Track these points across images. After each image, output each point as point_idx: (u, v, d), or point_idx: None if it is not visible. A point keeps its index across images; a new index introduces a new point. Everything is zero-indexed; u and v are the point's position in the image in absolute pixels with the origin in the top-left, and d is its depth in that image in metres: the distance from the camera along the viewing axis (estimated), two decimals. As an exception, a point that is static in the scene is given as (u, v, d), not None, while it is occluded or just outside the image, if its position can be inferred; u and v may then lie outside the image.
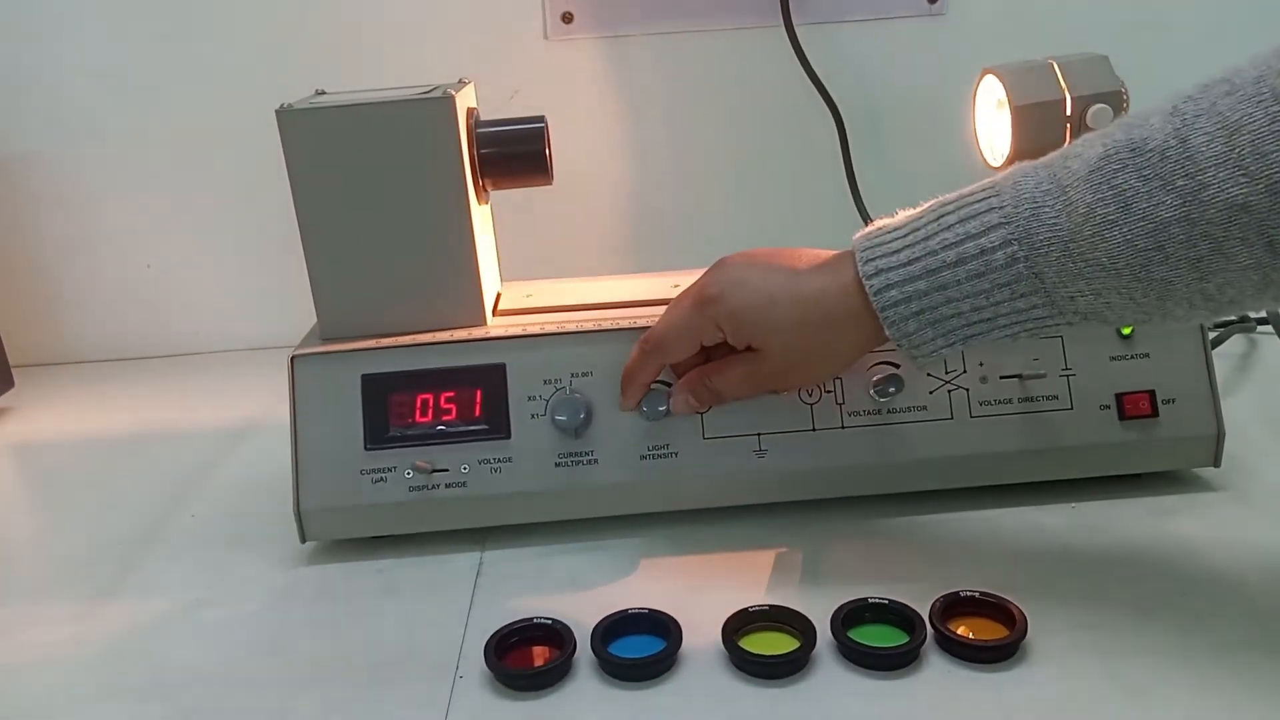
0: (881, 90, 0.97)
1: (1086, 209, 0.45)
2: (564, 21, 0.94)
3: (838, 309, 0.52)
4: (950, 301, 0.49)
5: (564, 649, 0.50)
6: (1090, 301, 0.47)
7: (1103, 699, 0.46)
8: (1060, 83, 0.63)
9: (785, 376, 0.57)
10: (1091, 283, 0.46)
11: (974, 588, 0.52)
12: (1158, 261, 0.44)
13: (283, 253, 0.69)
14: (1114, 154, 0.45)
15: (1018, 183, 0.48)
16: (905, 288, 0.50)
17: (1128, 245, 0.44)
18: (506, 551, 0.62)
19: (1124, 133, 0.45)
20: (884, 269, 0.50)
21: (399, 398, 0.62)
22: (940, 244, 0.49)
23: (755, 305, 0.54)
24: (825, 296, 0.53)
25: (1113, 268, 0.45)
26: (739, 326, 0.55)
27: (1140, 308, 0.47)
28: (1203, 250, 0.43)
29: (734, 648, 0.49)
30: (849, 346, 0.55)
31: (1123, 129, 0.46)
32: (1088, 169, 0.45)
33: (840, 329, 0.53)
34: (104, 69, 0.94)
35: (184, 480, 0.75)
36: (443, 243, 0.63)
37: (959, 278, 0.49)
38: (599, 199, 1.00)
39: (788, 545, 0.60)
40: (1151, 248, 0.44)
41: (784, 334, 0.54)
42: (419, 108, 0.60)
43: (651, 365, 0.59)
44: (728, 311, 0.55)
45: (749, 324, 0.55)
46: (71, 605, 0.60)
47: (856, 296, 0.52)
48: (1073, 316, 0.48)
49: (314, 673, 0.52)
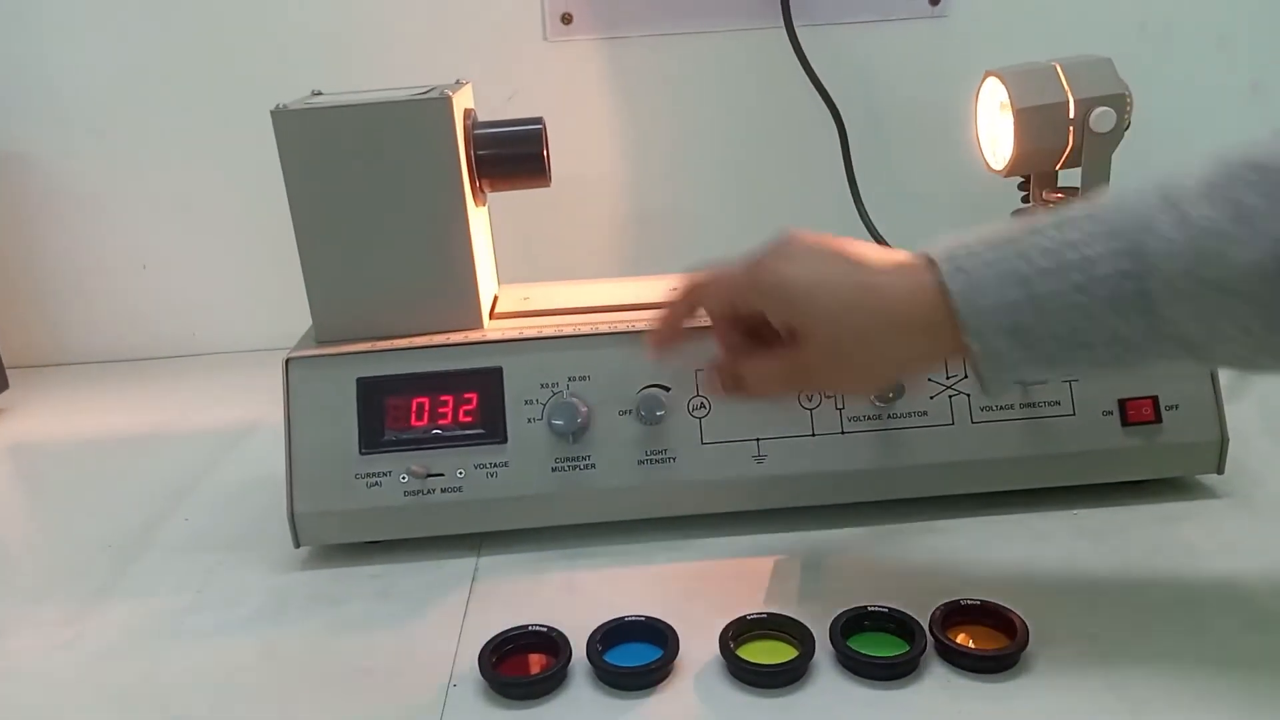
0: (882, 92, 0.96)
1: (1206, 223, 0.41)
2: (563, 23, 0.93)
3: (904, 309, 0.46)
4: (1044, 316, 0.43)
5: (559, 657, 0.49)
6: (1197, 329, 0.42)
7: (1105, 710, 0.45)
8: (1064, 85, 0.62)
9: (824, 373, 0.50)
10: (1204, 306, 0.42)
11: (974, 596, 0.51)
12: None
13: (279, 254, 0.68)
14: (1234, 171, 0.41)
15: (1121, 197, 0.44)
16: (995, 296, 0.44)
17: (1254, 266, 0.40)
18: (502, 557, 0.61)
19: (1239, 152, 0.42)
20: (971, 271, 0.44)
21: (394, 401, 0.61)
22: (1037, 252, 0.44)
23: (806, 279, 0.48)
24: (892, 291, 0.46)
25: (1233, 290, 0.41)
26: (783, 300, 0.48)
27: (1250, 338, 0.42)
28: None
29: (732, 656, 0.49)
30: (906, 355, 0.48)
31: (1238, 149, 0.42)
32: (1205, 185, 0.42)
33: (902, 332, 0.46)
34: (100, 69, 0.94)
35: (178, 483, 0.74)
36: (439, 245, 0.62)
37: (1058, 289, 0.43)
38: (597, 201, 0.99)
39: (786, 552, 0.59)
40: (1277, 272, 0.40)
41: (832, 320, 0.47)
42: (415, 108, 0.60)
43: (682, 305, 0.53)
44: (774, 277, 0.48)
45: (794, 298, 0.48)
46: (64, 608, 0.59)
47: (931, 301, 0.45)
48: (1172, 346, 0.43)
49: (306, 679, 0.51)
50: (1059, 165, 0.65)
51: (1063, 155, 0.63)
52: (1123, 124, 0.62)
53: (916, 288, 0.46)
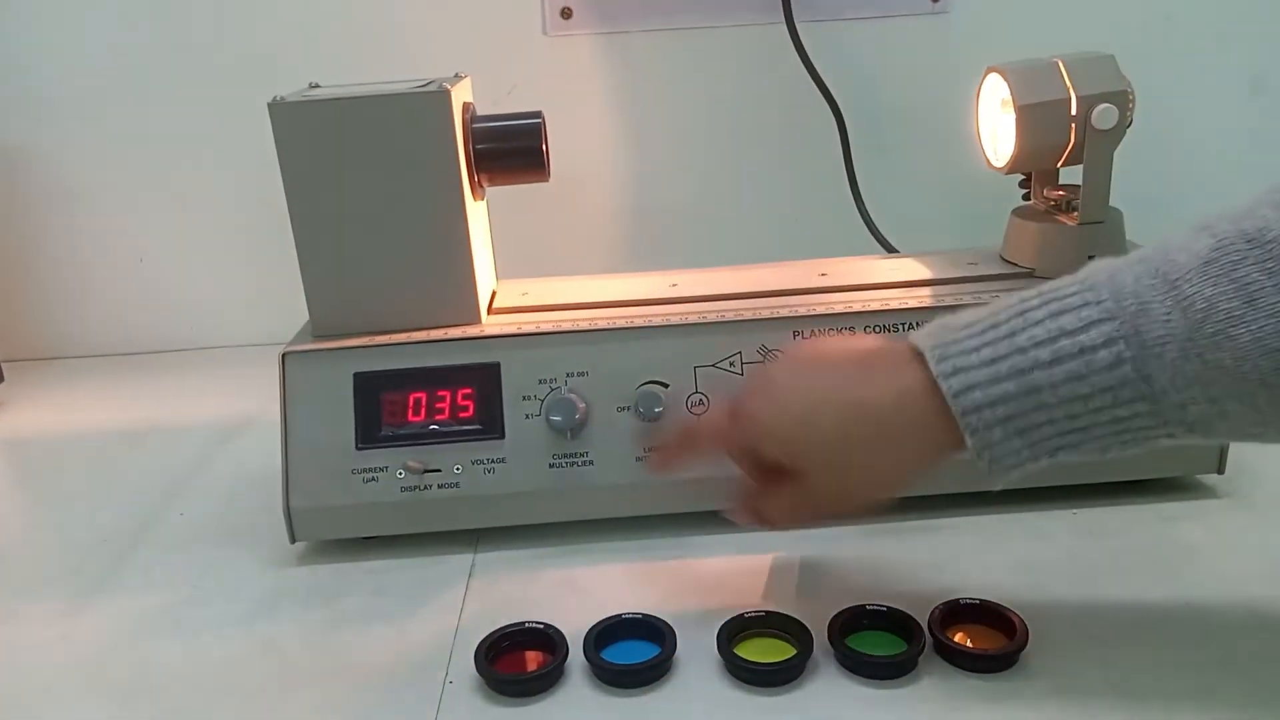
0: (883, 89, 0.96)
1: (1206, 304, 0.40)
2: (563, 17, 0.93)
3: (897, 418, 0.45)
4: (1043, 407, 0.43)
5: (556, 654, 0.49)
6: (1203, 410, 0.41)
7: (1104, 710, 0.45)
8: (1066, 82, 0.62)
9: (832, 500, 0.49)
10: (1209, 389, 0.41)
11: (974, 595, 0.51)
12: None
13: (276, 248, 0.68)
14: (1229, 245, 0.40)
15: (1113, 277, 0.43)
16: (990, 390, 0.43)
17: (1257, 345, 0.39)
18: (499, 554, 0.61)
19: (1231, 224, 0.41)
20: (963, 368, 0.44)
21: (391, 396, 0.61)
22: (1030, 341, 0.43)
23: (791, 418, 0.48)
24: (881, 402, 0.46)
25: (1238, 371, 0.40)
26: (772, 442, 0.49)
27: (1260, 416, 0.41)
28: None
29: (729, 654, 0.48)
30: (905, 461, 0.47)
31: (1228, 221, 0.41)
32: (1199, 261, 0.40)
33: (899, 442, 0.46)
34: (96, 61, 0.93)
35: (174, 478, 0.74)
36: (437, 239, 0.62)
37: (1055, 380, 0.42)
38: (597, 197, 0.99)
39: (785, 550, 0.59)
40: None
41: (827, 450, 0.47)
42: (414, 101, 0.59)
43: (684, 455, 0.55)
44: (759, 425, 0.49)
45: (783, 440, 0.48)
46: (59, 602, 0.59)
47: (924, 401, 0.44)
48: (1178, 429, 0.42)
49: (301, 675, 0.51)
50: (1060, 163, 0.64)
51: (1064, 152, 0.63)
52: (1125, 121, 0.62)
53: (905, 391, 0.45)
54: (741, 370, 0.61)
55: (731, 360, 0.61)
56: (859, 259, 0.73)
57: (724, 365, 0.61)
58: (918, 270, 0.68)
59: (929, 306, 0.62)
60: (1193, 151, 0.99)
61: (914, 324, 0.61)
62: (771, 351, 0.61)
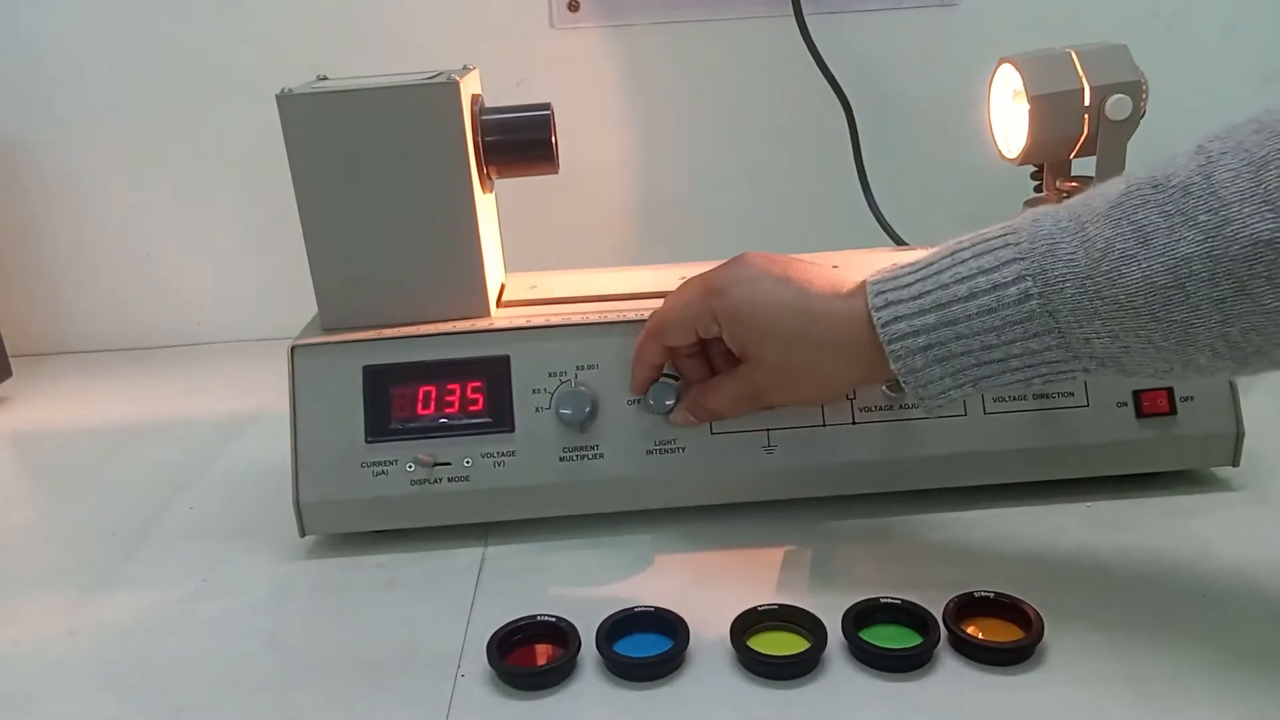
0: (892, 81, 0.95)
1: (1105, 244, 0.43)
2: (570, 10, 0.92)
3: (841, 335, 0.51)
4: (960, 338, 0.47)
5: (568, 647, 0.49)
6: (1106, 345, 0.45)
7: (1120, 702, 0.45)
8: (1079, 72, 0.61)
9: (776, 391, 0.55)
10: (1108, 323, 0.44)
11: (988, 588, 0.51)
12: (1178, 301, 0.42)
13: (284, 241, 0.68)
14: (1135, 190, 0.43)
15: (1036, 220, 0.47)
16: (914, 320, 0.48)
17: (1146, 282, 0.43)
18: (510, 547, 0.60)
19: (1147, 171, 0.44)
20: (893, 301, 0.49)
21: (401, 390, 0.61)
22: (952, 278, 0.48)
23: (758, 308, 0.53)
24: (831, 318, 0.51)
25: (1130, 305, 0.43)
26: (736, 325, 0.54)
27: (1160, 353, 0.44)
28: (1226, 290, 0.41)
29: (743, 648, 0.48)
30: (844, 374, 0.53)
31: (1146, 169, 0.44)
32: (1107, 205, 0.44)
33: (840, 355, 0.52)
34: (104, 55, 0.93)
35: (183, 472, 0.74)
36: (446, 232, 0.61)
37: (969, 313, 0.47)
38: (605, 189, 0.98)
39: (797, 543, 0.59)
40: (1171, 285, 0.42)
41: (780, 344, 0.53)
42: (422, 93, 0.59)
43: (653, 347, 0.58)
44: (729, 306, 0.53)
45: (747, 325, 0.53)
46: (67, 596, 0.59)
47: (863, 327, 0.50)
48: (1089, 362, 0.46)
49: (311, 668, 0.51)
50: (1073, 154, 0.64)
51: (1077, 143, 0.63)
52: (1138, 112, 0.61)
53: (851, 314, 0.50)
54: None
55: (742, 353, 0.61)
56: (870, 251, 0.73)
57: (735, 358, 0.61)
58: (929, 262, 0.68)
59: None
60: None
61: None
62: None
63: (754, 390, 0.55)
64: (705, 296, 0.54)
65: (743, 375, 0.55)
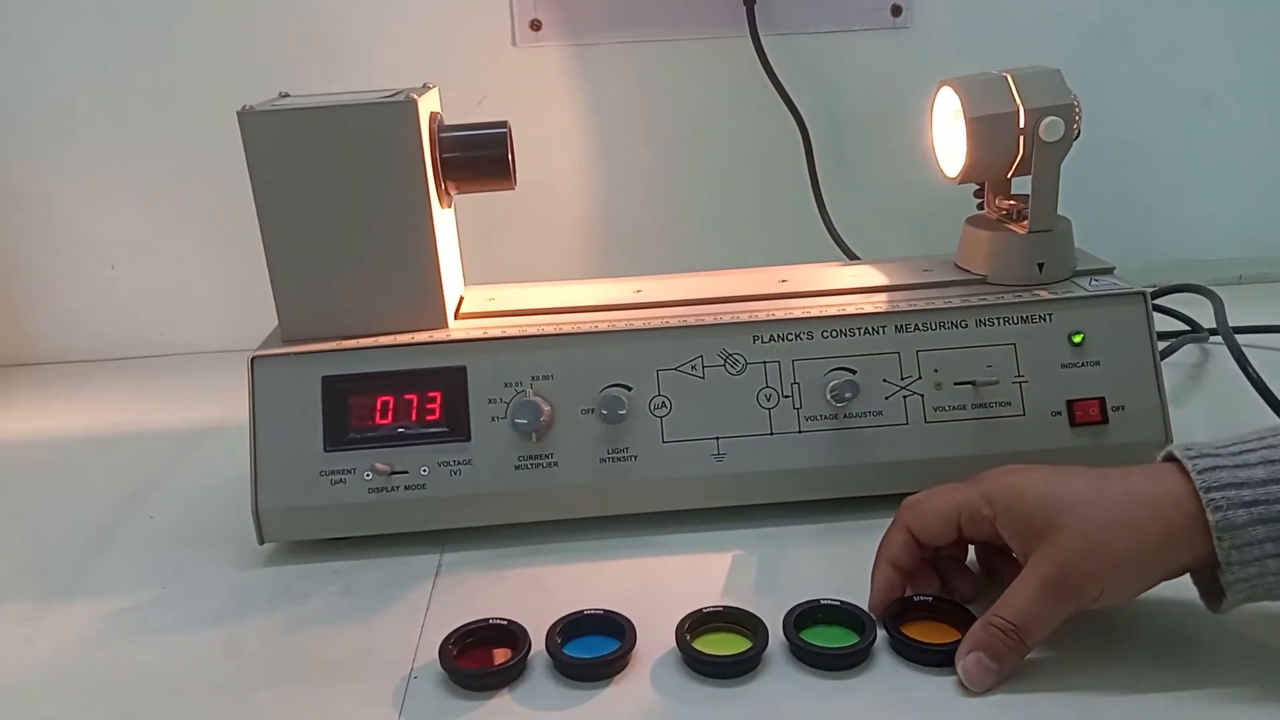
0: (845, 101, 0.98)
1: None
2: (532, 29, 0.94)
3: (1144, 486, 0.46)
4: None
5: (519, 649, 0.50)
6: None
7: (1047, 697, 0.47)
8: (1014, 95, 0.64)
9: (1086, 566, 0.45)
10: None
11: (927, 593, 0.53)
12: None
13: (246, 255, 0.69)
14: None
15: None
16: (1237, 472, 0.44)
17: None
18: (465, 553, 0.62)
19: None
20: (1209, 454, 0.45)
21: (359, 399, 0.62)
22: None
23: (1042, 481, 0.47)
24: (1129, 474, 0.46)
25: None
26: (1017, 501, 0.47)
27: None
28: None
29: (687, 648, 0.50)
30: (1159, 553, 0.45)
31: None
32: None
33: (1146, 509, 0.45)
34: (68, 68, 0.94)
35: (143, 481, 0.74)
36: (404, 245, 0.63)
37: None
38: (565, 205, 1.00)
39: (744, 548, 0.61)
40: None
41: (1078, 506, 0.46)
42: (381, 111, 0.61)
43: (897, 534, 0.52)
44: (1007, 484, 0.48)
45: (1030, 499, 0.47)
46: (25, 604, 0.59)
47: (1181, 498, 0.44)
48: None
49: (268, 672, 0.52)
50: (1010, 173, 0.66)
51: (1014, 163, 0.65)
52: (1071, 133, 0.64)
53: (1155, 471, 0.46)
54: (703, 374, 0.63)
55: (693, 364, 0.63)
56: (818, 266, 0.75)
57: (686, 369, 0.63)
58: (875, 277, 0.70)
59: (884, 312, 0.64)
60: (1146, 162, 1.02)
61: (870, 329, 0.63)
62: (732, 355, 0.63)
63: (1061, 572, 0.45)
64: (971, 484, 0.50)
65: (1040, 560, 0.46)
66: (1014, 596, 0.46)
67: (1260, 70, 1.00)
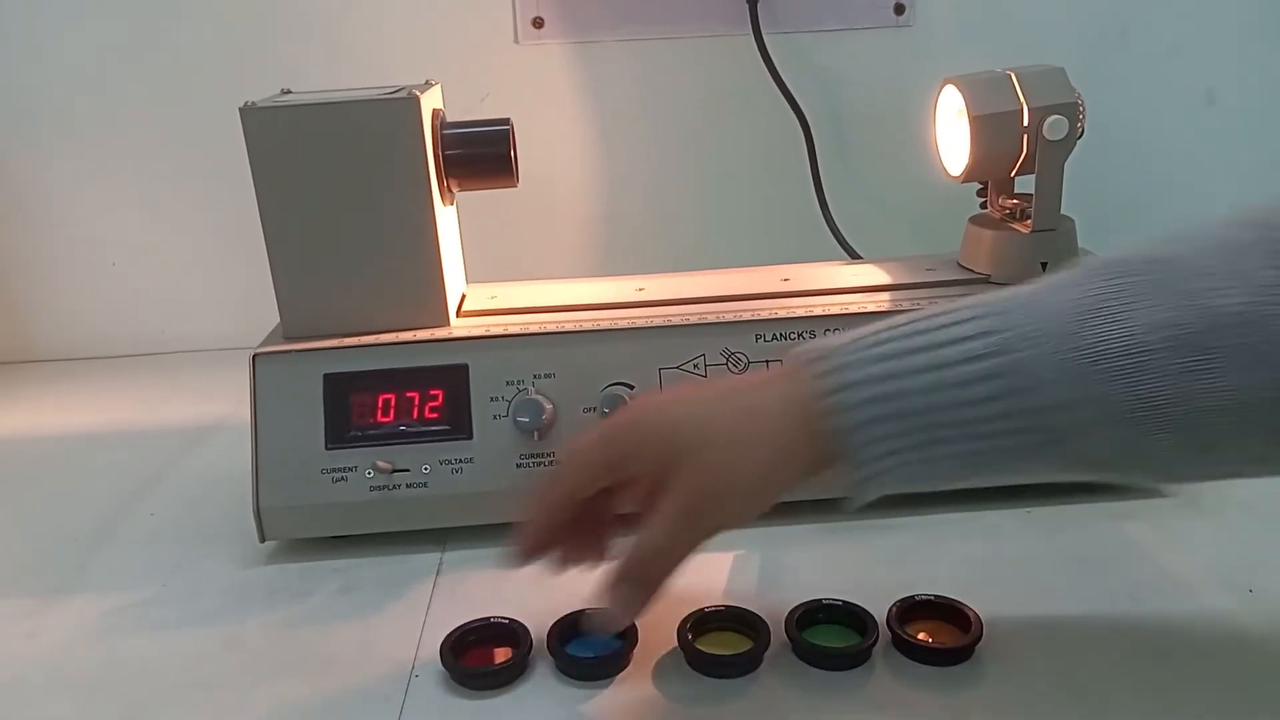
0: (848, 99, 0.98)
1: (1063, 309, 0.41)
2: (534, 26, 0.94)
3: (765, 383, 0.45)
4: (915, 373, 0.42)
5: (520, 647, 0.50)
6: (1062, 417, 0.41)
7: (1053, 699, 0.47)
8: (1018, 94, 0.64)
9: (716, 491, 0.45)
10: (1068, 388, 0.41)
11: (930, 592, 0.53)
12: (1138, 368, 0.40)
13: (248, 252, 0.69)
14: (1095, 267, 0.43)
15: (996, 296, 0.44)
16: (859, 370, 0.43)
17: (1106, 346, 0.40)
18: (467, 552, 0.62)
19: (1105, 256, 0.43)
20: (831, 354, 0.44)
21: (361, 397, 0.62)
22: (907, 343, 0.43)
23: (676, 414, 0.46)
24: (752, 379, 0.47)
25: (1093, 369, 0.40)
26: (656, 436, 0.45)
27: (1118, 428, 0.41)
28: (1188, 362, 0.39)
29: (689, 647, 0.50)
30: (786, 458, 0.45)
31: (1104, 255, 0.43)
32: (1069, 278, 0.43)
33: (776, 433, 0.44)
34: (68, 66, 0.94)
35: (144, 479, 0.74)
36: (406, 243, 0.63)
37: (924, 346, 0.43)
38: (568, 203, 1.00)
39: (746, 548, 0.60)
40: (1135, 350, 0.40)
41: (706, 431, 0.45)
42: (383, 108, 0.60)
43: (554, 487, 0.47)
44: (645, 423, 0.46)
45: (681, 426, 0.45)
46: (27, 600, 0.59)
47: (794, 377, 0.44)
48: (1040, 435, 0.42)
49: (268, 670, 0.52)
50: (1014, 172, 0.66)
51: (1017, 162, 0.65)
52: (1075, 132, 0.64)
53: (774, 373, 0.46)
54: (705, 372, 0.62)
55: (695, 363, 0.63)
56: (821, 265, 0.75)
57: (688, 368, 0.63)
58: (877, 276, 0.70)
59: (887, 311, 0.63)
60: (1150, 161, 1.02)
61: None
62: (735, 354, 0.63)
63: (692, 498, 0.44)
64: (629, 410, 0.48)
65: (674, 492, 0.44)
66: (653, 520, 0.45)
67: (1265, 67, 1.00)
